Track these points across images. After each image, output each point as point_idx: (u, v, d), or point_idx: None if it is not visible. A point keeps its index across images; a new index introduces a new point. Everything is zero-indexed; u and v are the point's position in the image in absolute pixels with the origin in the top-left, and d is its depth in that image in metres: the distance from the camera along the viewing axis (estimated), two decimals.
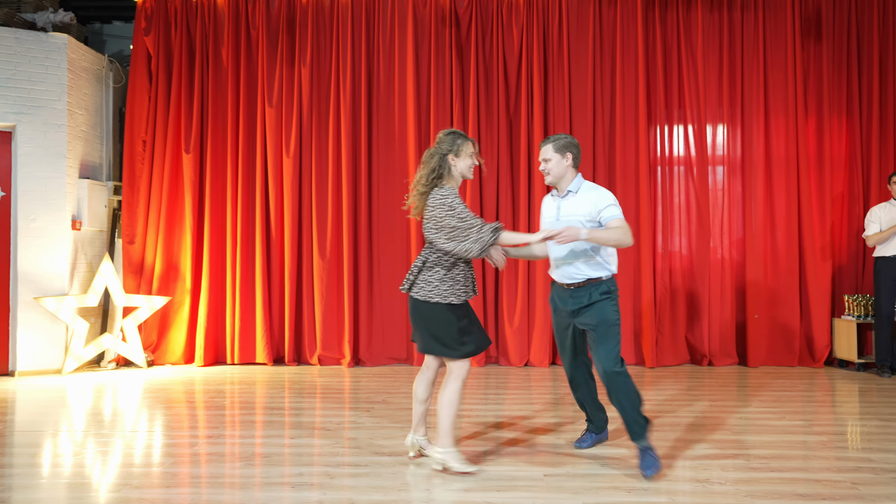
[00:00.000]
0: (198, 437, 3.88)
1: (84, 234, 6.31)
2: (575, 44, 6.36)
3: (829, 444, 3.63)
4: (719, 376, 5.69)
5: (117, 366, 6.23)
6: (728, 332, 6.22)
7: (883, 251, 5.66)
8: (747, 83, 6.29)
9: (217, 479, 3.12)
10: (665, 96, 6.35)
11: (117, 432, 3.97)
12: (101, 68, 6.71)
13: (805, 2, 6.33)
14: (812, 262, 6.16)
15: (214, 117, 6.44)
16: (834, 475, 3.12)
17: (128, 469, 3.29)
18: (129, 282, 6.34)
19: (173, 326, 6.38)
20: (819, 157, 6.27)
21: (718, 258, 6.28)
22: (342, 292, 6.30)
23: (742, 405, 4.62)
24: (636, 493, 2.91)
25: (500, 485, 3.02)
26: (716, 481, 3.05)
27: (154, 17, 6.48)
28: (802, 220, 6.19)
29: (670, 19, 6.36)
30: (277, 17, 6.49)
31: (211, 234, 6.36)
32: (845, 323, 6.03)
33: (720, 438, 3.75)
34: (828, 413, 4.49)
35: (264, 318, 6.28)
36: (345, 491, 2.96)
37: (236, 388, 5.33)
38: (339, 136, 6.38)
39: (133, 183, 6.44)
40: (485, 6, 6.41)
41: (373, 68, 6.47)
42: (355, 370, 6.11)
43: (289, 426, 4.09)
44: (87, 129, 6.46)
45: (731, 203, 6.34)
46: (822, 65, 6.28)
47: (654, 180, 6.35)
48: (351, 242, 6.29)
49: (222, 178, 6.45)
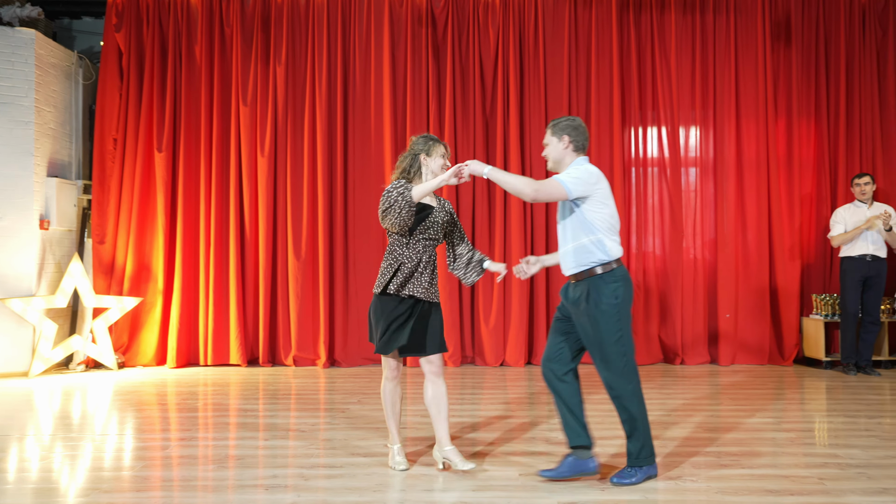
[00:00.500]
0: (170, 439, 3.82)
1: (52, 234, 6.18)
2: (551, 45, 6.40)
3: (798, 441, 3.71)
4: (691, 375, 5.78)
5: (87, 368, 6.11)
6: (700, 331, 6.31)
7: (848, 251, 5.79)
8: (719, 86, 6.39)
9: (189, 483, 3.08)
10: (639, 98, 6.42)
11: (86, 436, 3.90)
12: (71, 65, 6.58)
13: (775, 7, 6.45)
14: (781, 262, 6.28)
15: (187, 116, 6.35)
16: (802, 471, 3.19)
17: (97, 473, 3.23)
18: (99, 282, 6.22)
19: (145, 328, 6.28)
20: (788, 158, 6.39)
21: (691, 258, 6.37)
22: (317, 293, 6.26)
23: (713, 403, 4.69)
24: (609, 491, 2.94)
25: (475, 485, 3.03)
26: (688, 479, 3.09)
27: (125, 14, 6.38)
28: (772, 221, 6.31)
29: (644, 22, 6.44)
30: (252, 15, 6.42)
31: (184, 233, 6.27)
32: (813, 322, 6.16)
33: (692, 436, 3.80)
34: (796, 410, 4.58)
35: (238, 319, 6.21)
36: (319, 493, 2.94)
37: (209, 389, 5.26)
38: (315, 136, 6.34)
39: (103, 182, 6.33)
40: (461, 7, 6.42)
41: (349, 68, 6.44)
42: (330, 371, 6.07)
43: (263, 428, 4.06)
44: (55, 126, 6.33)
45: (703, 204, 6.43)
46: (791, 69, 6.40)
47: (628, 181, 6.42)
48: (326, 242, 6.25)
49: (195, 177, 6.37)
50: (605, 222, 3.02)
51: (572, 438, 3.07)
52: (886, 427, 4.00)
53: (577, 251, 3.02)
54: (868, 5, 6.45)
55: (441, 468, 3.21)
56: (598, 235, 2.99)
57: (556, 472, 3.04)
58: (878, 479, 3.06)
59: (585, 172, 3.01)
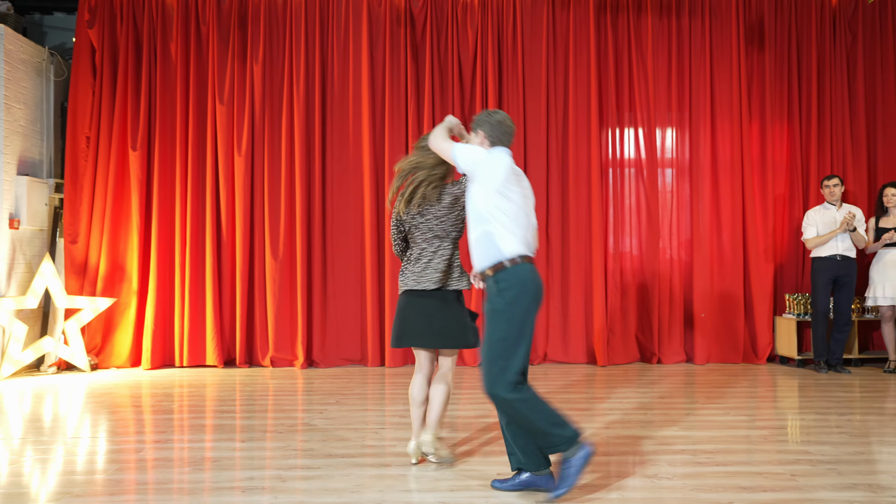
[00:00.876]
0: (144, 442, 3.77)
1: (23, 234, 6.06)
2: (529, 46, 6.43)
3: (771, 438, 3.77)
4: (668, 374, 5.84)
5: (58, 370, 6.00)
6: (676, 330, 6.38)
7: (819, 252, 5.90)
8: (695, 88, 6.47)
9: (165, 486, 3.04)
10: (616, 99, 6.47)
11: (58, 439, 3.83)
12: (42, 61, 6.45)
13: (749, 11, 6.55)
14: (755, 262, 6.38)
15: (163, 114, 6.27)
16: (774, 468, 3.24)
17: (69, 477, 3.17)
18: (71, 283, 6.11)
19: (119, 328, 6.18)
20: (762, 160, 6.49)
21: (667, 259, 6.44)
22: (295, 293, 6.21)
23: (689, 402, 4.75)
24: (587, 489, 2.96)
25: (453, 484, 3.03)
26: (664, 476, 3.12)
27: (98, 10, 6.27)
28: (746, 222, 6.40)
29: (622, 24, 6.49)
30: (229, 13, 6.36)
31: (159, 233, 6.19)
32: (786, 321, 6.27)
33: (668, 434, 3.84)
34: (770, 408, 4.66)
35: (215, 320, 6.15)
36: (297, 494, 2.92)
37: (185, 391, 5.20)
38: (293, 135, 6.29)
39: (76, 180, 6.22)
40: (440, 7, 6.42)
41: (327, 67, 6.41)
42: (308, 371, 6.03)
43: (240, 429, 4.02)
44: (25, 123, 6.21)
45: (679, 205, 6.51)
46: (764, 72, 6.51)
47: (605, 182, 6.47)
48: (304, 242, 6.21)
49: (171, 175, 6.28)
50: (503, 215, 2.81)
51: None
52: (856, 424, 4.09)
53: (476, 243, 2.88)
54: (838, 11, 6.58)
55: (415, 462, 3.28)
56: (491, 226, 2.81)
57: (509, 483, 2.92)
58: (848, 475, 3.12)
59: (484, 153, 2.89)
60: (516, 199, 2.86)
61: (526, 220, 2.89)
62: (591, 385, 5.37)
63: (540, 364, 6.29)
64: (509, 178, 2.86)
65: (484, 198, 2.84)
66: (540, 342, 6.32)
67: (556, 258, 6.35)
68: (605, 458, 3.41)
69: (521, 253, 2.81)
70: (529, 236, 2.90)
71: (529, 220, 2.93)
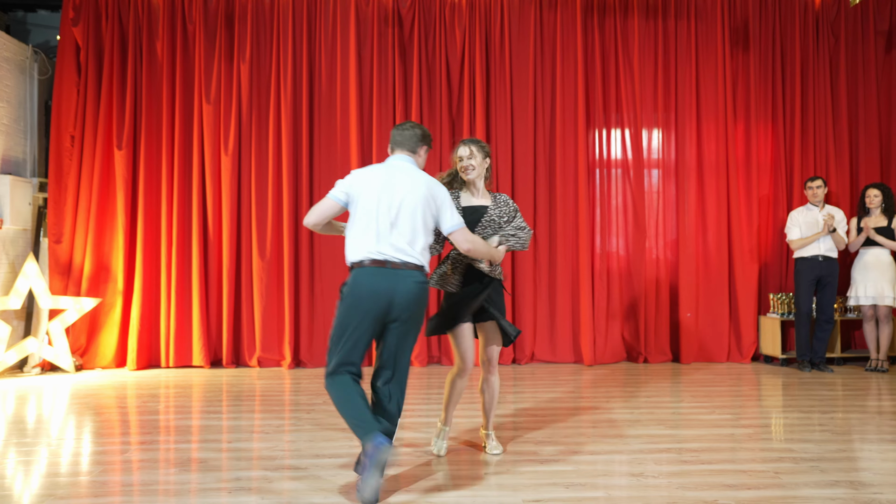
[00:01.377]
0: (129, 443, 3.74)
1: (6, 233, 5.99)
2: (516, 47, 6.45)
3: (755, 437, 3.81)
4: (654, 373, 5.89)
5: (42, 371, 5.94)
6: (662, 330, 6.43)
7: (802, 252, 5.97)
8: (681, 90, 6.52)
9: (150, 487, 3.02)
10: (603, 100, 6.51)
11: (41, 441, 3.79)
12: (25, 59, 6.38)
13: (734, 13, 6.61)
14: (740, 262, 6.44)
15: (148, 113, 6.23)
16: (758, 465, 3.28)
17: (53, 479, 3.14)
18: (55, 283, 6.06)
19: (104, 329, 6.13)
20: (747, 161, 6.55)
21: (653, 259, 6.49)
22: (282, 293, 6.19)
23: (675, 400, 4.79)
24: (574, 488, 2.98)
25: (441, 483, 3.04)
26: (650, 475, 3.15)
27: (83, 7, 6.21)
28: (731, 222, 6.46)
29: (609, 26, 6.53)
30: (215, 12, 6.32)
31: (145, 233, 6.15)
32: (770, 320, 6.33)
33: (654, 433, 3.87)
34: (754, 406, 4.71)
35: (201, 320, 6.11)
36: (284, 495, 2.91)
37: (171, 391, 5.17)
38: (280, 135, 6.27)
39: (60, 179, 6.16)
40: (428, 7, 6.42)
41: (314, 66, 6.39)
42: (296, 372, 6.02)
43: (226, 430, 4.00)
44: (9, 122, 6.14)
45: (665, 205, 6.56)
46: (749, 74, 6.57)
47: (592, 182, 6.51)
48: (292, 242, 6.19)
49: (157, 175, 6.24)
50: (351, 221, 2.98)
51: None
52: (838, 422, 4.14)
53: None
54: (821, 14, 6.66)
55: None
56: (347, 231, 3.02)
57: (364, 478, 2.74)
58: (830, 473, 3.16)
59: (348, 176, 3.05)
60: (362, 204, 2.94)
61: (376, 226, 2.91)
62: (577, 384, 5.40)
63: (527, 364, 6.32)
64: (352, 186, 2.98)
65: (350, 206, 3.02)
66: (527, 342, 6.35)
67: (543, 258, 6.37)
68: (592, 456, 3.43)
69: (354, 260, 2.95)
70: (384, 241, 2.90)
71: (390, 223, 2.91)
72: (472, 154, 3.32)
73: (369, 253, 2.90)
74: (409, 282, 2.89)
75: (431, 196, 2.98)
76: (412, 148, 3.11)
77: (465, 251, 3.07)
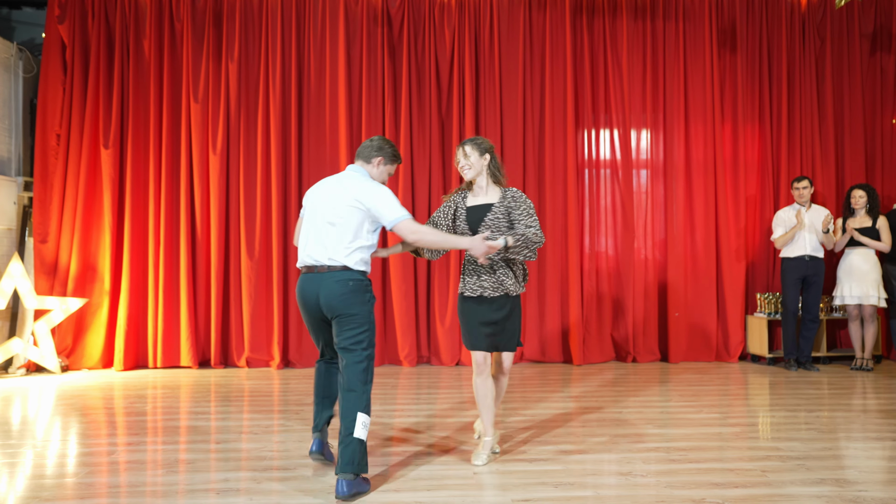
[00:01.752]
0: (116, 444, 3.71)
1: None
2: (506, 47, 6.46)
3: (742, 435, 3.84)
4: (642, 372, 5.92)
5: (28, 372, 5.88)
6: (651, 329, 6.46)
7: (788, 252, 6.02)
8: (669, 90, 6.56)
9: (137, 488, 3.00)
10: (592, 101, 6.53)
11: (27, 442, 3.75)
12: (10, 56, 6.31)
13: (721, 14, 6.66)
14: (728, 262, 6.49)
15: (136, 112, 6.18)
16: (745, 464, 3.30)
17: (38, 481, 3.11)
18: (41, 283, 6.00)
19: (91, 329, 6.08)
20: (734, 161, 6.60)
21: (642, 258, 6.52)
22: (271, 293, 6.17)
23: (663, 400, 4.82)
24: (563, 487, 2.99)
25: (430, 484, 3.04)
26: (638, 474, 3.17)
27: (69, 5, 6.16)
28: (719, 222, 6.51)
29: (597, 26, 6.55)
30: (203, 10, 6.28)
31: (132, 232, 6.10)
32: (757, 320, 6.38)
33: (643, 432, 3.89)
34: (741, 405, 4.74)
35: (189, 320, 6.07)
36: (272, 496, 2.90)
37: (159, 392, 5.13)
38: (269, 134, 6.24)
39: (46, 178, 6.10)
40: (417, 7, 6.42)
41: (303, 66, 6.37)
42: (285, 372, 6.00)
43: (215, 431, 3.98)
44: None
45: (653, 205, 6.59)
46: (736, 75, 6.62)
47: (581, 182, 6.53)
48: (281, 242, 6.17)
49: (144, 174, 6.19)
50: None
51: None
52: (824, 420, 4.18)
53: None
54: (808, 16, 6.72)
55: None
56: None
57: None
58: (816, 471, 3.19)
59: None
60: (306, 215, 3.21)
61: (314, 232, 3.11)
62: (566, 384, 5.42)
63: (517, 363, 6.33)
64: (306, 198, 3.25)
65: None
66: None
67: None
68: (581, 455, 3.45)
69: (300, 263, 3.18)
70: (312, 247, 3.10)
71: (318, 230, 3.09)
72: (467, 154, 3.36)
73: (302, 259, 3.16)
74: (330, 282, 3.03)
75: (357, 199, 3.07)
76: (366, 157, 3.25)
77: (413, 241, 3.13)
